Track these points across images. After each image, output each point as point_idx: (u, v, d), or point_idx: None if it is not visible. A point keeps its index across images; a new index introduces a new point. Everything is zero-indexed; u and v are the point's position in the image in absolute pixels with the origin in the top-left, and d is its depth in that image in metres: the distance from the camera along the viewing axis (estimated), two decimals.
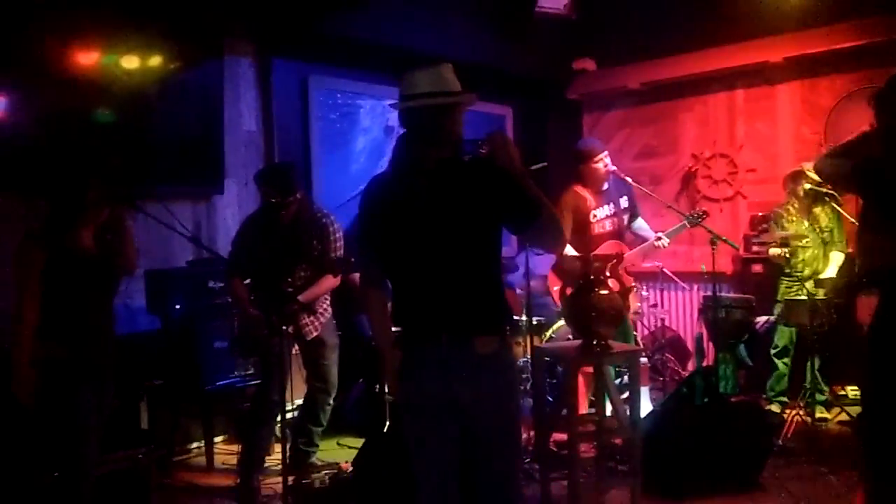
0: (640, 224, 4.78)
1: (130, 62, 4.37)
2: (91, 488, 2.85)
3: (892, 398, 2.32)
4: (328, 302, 4.10)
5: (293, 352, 4.16)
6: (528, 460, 3.98)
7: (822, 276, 4.98)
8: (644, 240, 4.66)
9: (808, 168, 4.84)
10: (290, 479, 3.81)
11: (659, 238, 4.57)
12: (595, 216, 4.47)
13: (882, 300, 2.40)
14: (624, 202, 4.63)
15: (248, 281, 3.93)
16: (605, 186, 4.54)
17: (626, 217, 4.63)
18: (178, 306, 4.37)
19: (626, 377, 4.60)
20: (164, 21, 4.44)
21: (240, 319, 4.05)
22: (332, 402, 4.16)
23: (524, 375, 4.58)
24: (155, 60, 4.46)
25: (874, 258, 2.49)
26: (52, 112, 4.01)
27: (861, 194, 2.67)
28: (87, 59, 4.20)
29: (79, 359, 2.81)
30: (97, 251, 2.88)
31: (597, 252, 4.17)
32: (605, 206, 4.52)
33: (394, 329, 2.39)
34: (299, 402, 4.28)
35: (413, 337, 2.28)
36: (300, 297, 3.78)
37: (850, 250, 5.02)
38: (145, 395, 4.37)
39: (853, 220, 4.35)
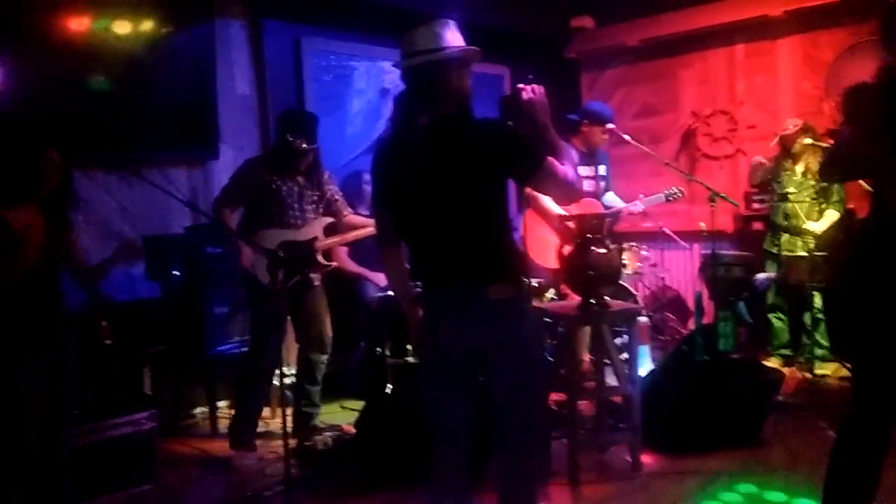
0: (612, 198, 4.87)
1: (122, 27, 4.35)
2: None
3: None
4: None
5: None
6: None
7: (807, 228, 5.00)
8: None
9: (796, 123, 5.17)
10: (293, 442, 3.84)
11: (634, 204, 4.73)
12: (580, 172, 4.55)
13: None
14: (602, 170, 4.73)
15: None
16: None
17: (602, 185, 4.74)
18: (176, 273, 4.37)
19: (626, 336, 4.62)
20: None
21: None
22: (325, 359, 4.06)
23: None
24: (146, 25, 4.44)
25: None
26: (44, 80, 3.95)
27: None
28: (78, 25, 4.17)
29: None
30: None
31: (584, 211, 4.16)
32: (587, 168, 4.59)
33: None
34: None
35: (430, 289, 2.32)
36: (337, 241, 3.96)
37: (852, 206, 5.02)
38: (148, 361, 4.40)
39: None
